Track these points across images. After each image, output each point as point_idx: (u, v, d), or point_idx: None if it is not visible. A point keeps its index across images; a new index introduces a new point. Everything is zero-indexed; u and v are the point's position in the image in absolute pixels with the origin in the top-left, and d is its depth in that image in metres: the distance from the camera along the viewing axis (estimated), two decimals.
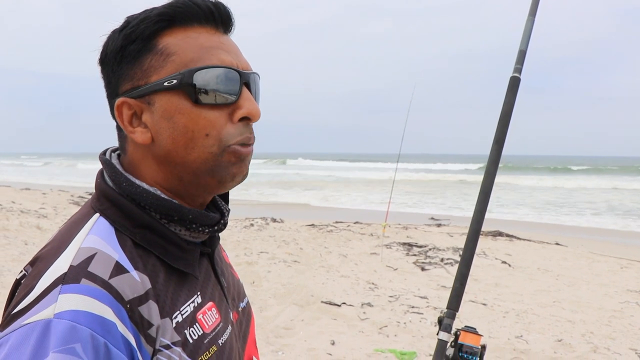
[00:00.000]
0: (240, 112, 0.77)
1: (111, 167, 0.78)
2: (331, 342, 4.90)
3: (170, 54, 0.75)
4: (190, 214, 0.78)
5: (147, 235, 0.75)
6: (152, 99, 0.75)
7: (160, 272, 0.75)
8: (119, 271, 0.69)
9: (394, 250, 9.71)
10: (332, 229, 12.04)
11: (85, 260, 0.68)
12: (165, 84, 0.74)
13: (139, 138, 0.76)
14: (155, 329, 0.70)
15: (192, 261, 0.80)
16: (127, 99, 0.76)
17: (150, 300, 0.71)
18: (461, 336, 1.20)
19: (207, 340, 0.79)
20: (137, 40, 0.75)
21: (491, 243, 10.82)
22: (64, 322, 0.61)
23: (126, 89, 0.76)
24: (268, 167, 54.98)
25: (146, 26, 0.75)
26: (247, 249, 9.12)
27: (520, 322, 5.83)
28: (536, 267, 8.74)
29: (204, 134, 0.74)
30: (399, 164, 9.29)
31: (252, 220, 12.56)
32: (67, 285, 0.64)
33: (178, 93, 0.74)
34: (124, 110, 0.76)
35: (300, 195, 23.70)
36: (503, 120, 1.36)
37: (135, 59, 0.75)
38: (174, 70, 0.74)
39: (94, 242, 0.71)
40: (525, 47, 1.39)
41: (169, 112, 0.75)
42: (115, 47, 0.76)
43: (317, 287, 6.83)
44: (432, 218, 15.52)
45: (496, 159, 1.34)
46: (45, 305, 0.63)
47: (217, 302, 0.86)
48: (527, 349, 5.01)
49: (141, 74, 0.75)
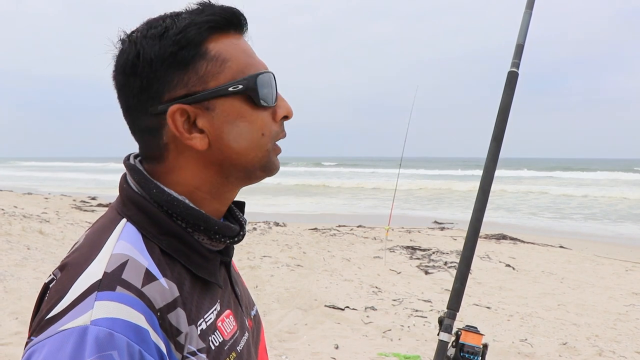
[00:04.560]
0: (280, 112, 0.82)
1: (140, 174, 0.78)
2: (335, 346, 4.88)
3: (225, 60, 0.77)
4: (216, 225, 0.79)
5: (173, 243, 0.76)
6: (212, 105, 0.76)
7: (186, 279, 0.77)
8: (149, 279, 0.70)
9: (398, 253, 9.68)
10: (335, 232, 12.03)
11: (119, 267, 0.68)
12: (230, 89, 0.76)
13: (199, 144, 0.76)
14: (184, 336, 0.72)
15: (214, 270, 0.82)
16: (183, 105, 0.75)
17: (179, 307, 0.72)
18: (462, 336, 1.18)
19: (227, 347, 0.81)
20: (189, 47, 0.75)
21: (495, 246, 10.79)
22: (101, 329, 0.62)
23: (178, 95, 0.75)
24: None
25: (197, 32, 0.75)
26: (250, 253, 9.10)
27: (524, 326, 5.80)
28: (540, 270, 8.70)
29: (261, 134, 0.79)
30: (399, 168, 9.25)
31: (255, 224, 12.56)
32: (103, 292, 0.65)
33: (239, 97, 0.77)
34: (177, 117, 0.75)
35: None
36: (501, 117, 1.34)
37: (187, 65, 0.75)
38: (232, 75, 0.77)
39: (124, 248, 0.72)
40: (523, 41, 1.38)
41: (232, 116, 0.77)
42: (162, 53, 0.74)
43: (321, 291, 6.81)
44: (436, 221, 15.48)
45: (495, 156, 1.32)
46: (82, 312, 0.63)
47: (234, 310, 0.88)
48: (532, 352, 4.98)
49: (197, 80, 0.75)
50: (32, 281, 6.12)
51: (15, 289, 5.76)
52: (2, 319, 4.83)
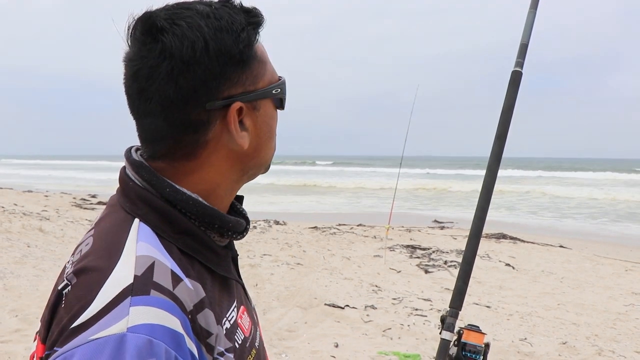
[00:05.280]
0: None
1: (149, 171, 0.75)
2: (335, 345, 4.88)
3: (264, 62, 0.79)
4: (230, 222, 0.79)
5: (189, 242, 0.74)
6: (259, 105, 0.79)
7: (207, 278, 0.75)
8: (177, 280, 0.67)
9: (398, 252, 9.68)
10: (335, 231, 12.03)
11: (148, 270, 0.65)
12: (273, 92, 0.80)
13: (245, 142, 0.77)
14: (214, 338, 0.70)
15: (229, 266, 0.82)
16: (242, 103, 0.76)
17: (207, 308, 0.70)
18: (464, 335, 1.18)
19: (248, 343, 0.80)
20: (250, 45, 0.76)
21: (495, 245, 10.79)
22: (141, 336, 0.59)
23: (236, 92, 0.75)
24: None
25: (254, 32, 0.77)
26: (250, 251, 9.10)
27: (524, 325, 5.80)
28: (540, 269, 8.70)
29: (275, 134, 0.84)
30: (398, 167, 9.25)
31: (255, 223, 12.55)
32: (138, 297, 0.62)
33: (272, 100, 0.81)
34: (235, 115, 0.75)
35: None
36: (505, 116, 1.34)
37: (246, 64, 0.76)
38: (270, 78, 0.80)
39: (147, 249, 0.68)
40: (527, 41, 1.38)
41: (267, 117, 0.81)
42: (231, 48, 0.73)
43: (321, 289, 6.80)
44: (436, 220, 15.48)
45: (498, 155, 1.32)
46: (116, 319, 0.59)
47: (247, 305, 0.87)
48: (532, 351, 4.98)
49: (252, 79, 0.77)
50: (32, 279, 6.12)
51: (15, 286, 5.76)
52: (2, 317, 4.83)
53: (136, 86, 0.73)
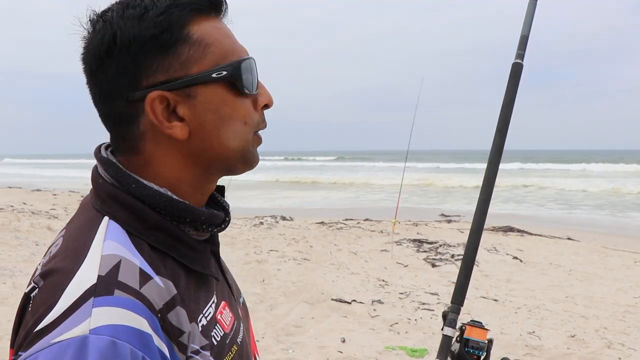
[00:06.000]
0: (261, 100, 0.79)
1: (115, 167, 0.74)
2: (342, 340, 4.88)
3: (208, 44, 0.73)
4: (203, 215, 0.76)
5: (161, 238, 0.72)
6: (194, 91, 0.72)
7: (181, 275, 0.72)
8: (145, 278, 0.65)
9: (405, 246, 9.67)
10: (342, 226, 12.02)
11: (113, 269, 0.63)
12: (214, 75, 0.72)
13: (179, 133, 0.72)
14: (186, 336, 0.68)
15: (206, 261, 0.79)
16: (163, 92, 0.71)
17: (178, 306, 0.68)
18: (467, 331, 1.17)
19: (229, 340, 0.78)
20: (172, 29, 0.70)
21: (502, 238, 10.75)
22: (103, 338, 0.57)
23: (158, 80, 0.71)
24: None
25: (180, 14, 0.71)
26: (257, 247, 9.12)
27: (532, 318, 5.78)
28: (548, 262, 8.66)
29: (243, 122, 0.76)
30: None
31: (262, 219, 12.57)
32: (100, 297, 0.60)
33: (222, 84, 0.74)
34: (157, 105, 0.71)
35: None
36: (506, 109, 1.32)
37: (169, 49, 0.70)
38: (215, 61, 0.73)
39: (114, 248, 0.67)
40: (527, 32, 1.36)
41: (214, 103, 0.73)
42: (142, 36, 0.69)
43: (328, 284, 6.81)
44: (443, 214, 15.44)
45: (499, 148, 1.31)
46: (78, 321, 0.58)
47: (228, 301, 0.84)
48: (540, 345, 4.96)
49: (179, 65, 0.71)
50: None
51: (24, 284, 5.77)
52: (12, 315, 4.86)
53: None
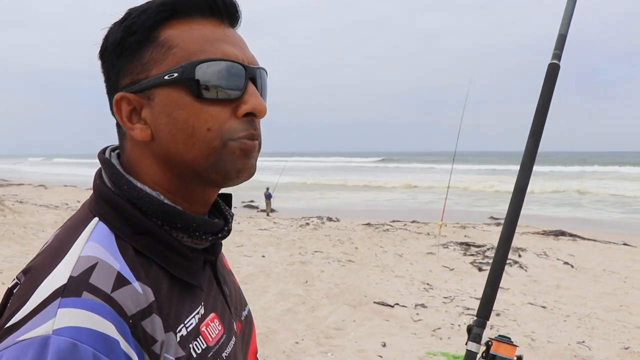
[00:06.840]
0: (244, 107, 0.73)
1: (111, 168, 0.74)
2: (382, 344, 4.83)
3: (172, 46, 0.71)
4: (194, 222, 0.73)
5: (148, 243, 0.71)
6: (152, 94, 0.71)
7: (163, 282, 0.71)
8: (121, 283, 0.64)
9: (451, 250, 9.51)
10: (389, 228, 11.93)
11: (86, 271, 0.63)
12: (165, 78, 0.70)
13: (138, 135, 0.72)
14: (159, 345, 0.67)
15: (196, 270, 0.76)
16: (126, 94, 0.72)
17: (154, 314, 0.67)
18: (493, 346, 1.12)
19: (211, 353, 0.75)
20: (138, 32, 0.71)
21: (553, 243, 10.43)
22: (65, 339, 0.57)
23: (126, 83, 0.72)
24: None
25: (147, 17, 0.71)
26: (302, 248, 9.15)
27: (582, 327, 5.57)
28: (601, 268, 8.34)
29: (205, 128, 0.71)
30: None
31: (308, 220, 12.62)
32: (67, 298, 0.60)
33: (179, 87, 0.70)
34: (123, 106, 0.72)
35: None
36: (540, 112, 1.26)
37: (135, 52, 0.71)
38: (175, 63, 0.70)
39: (94, 250, 0.66)
40: (566, 31, 1.29)
41: (169, 107, 0.71)
42: (115, 40, 0.72)
43: (371, 287, 6.76)
44: (492, 217, 15.11)
45: (532, 154, 1.24)
46: (43, 320, 0.58)
47: (220, 313, 0.82)
48: (590, 355, 4.77)
49: (141, 67, 0.71)
50: None
51: None
52: None
53: None
